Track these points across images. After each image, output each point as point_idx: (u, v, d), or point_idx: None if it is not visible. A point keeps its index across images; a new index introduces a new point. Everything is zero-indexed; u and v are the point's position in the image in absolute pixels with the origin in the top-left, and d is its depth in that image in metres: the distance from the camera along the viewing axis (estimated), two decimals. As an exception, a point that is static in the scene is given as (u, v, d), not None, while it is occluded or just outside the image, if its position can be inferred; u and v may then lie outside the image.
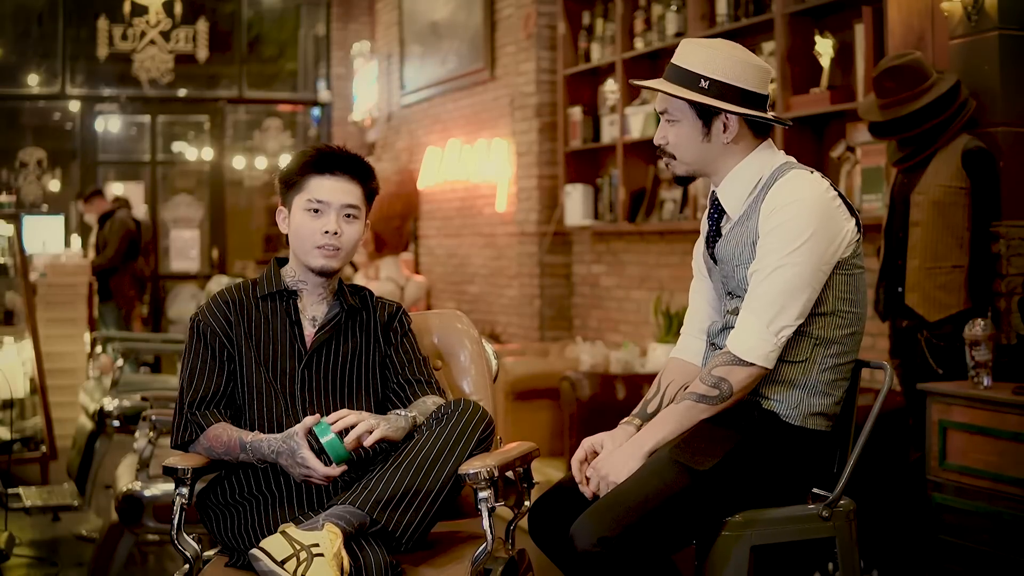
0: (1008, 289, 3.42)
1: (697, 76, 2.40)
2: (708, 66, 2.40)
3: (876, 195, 4.35)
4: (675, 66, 2.45)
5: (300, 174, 2.47)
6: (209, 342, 2.45)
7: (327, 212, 2.44)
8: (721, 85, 2.39)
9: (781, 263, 2.32)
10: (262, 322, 2.47)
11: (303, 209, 2.45)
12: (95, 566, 3.94)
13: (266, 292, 2.50)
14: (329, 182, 2.45)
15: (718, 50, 2.42)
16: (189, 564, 2.37)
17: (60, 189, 10.47)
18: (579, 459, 2.46)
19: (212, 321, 2.46)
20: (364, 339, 2.53)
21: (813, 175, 2.40)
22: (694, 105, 2.42)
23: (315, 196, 2.44)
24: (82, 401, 5.22)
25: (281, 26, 10.97)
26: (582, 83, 6.49)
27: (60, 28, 10.04)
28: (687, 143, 2.45)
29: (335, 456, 2.25)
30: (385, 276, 7.32)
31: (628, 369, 5.57)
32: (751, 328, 2.32)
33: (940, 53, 3.75)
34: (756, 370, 2.32)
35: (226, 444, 2.36)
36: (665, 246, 5.95)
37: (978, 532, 3.13)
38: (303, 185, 2.46)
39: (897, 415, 3.66)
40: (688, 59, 2.43)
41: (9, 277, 6.36)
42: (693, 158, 2.47)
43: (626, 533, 2.20)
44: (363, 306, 2.56)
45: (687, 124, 2.44)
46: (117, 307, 7.84)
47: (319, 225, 2.43)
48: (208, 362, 2.44)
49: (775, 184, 2.38)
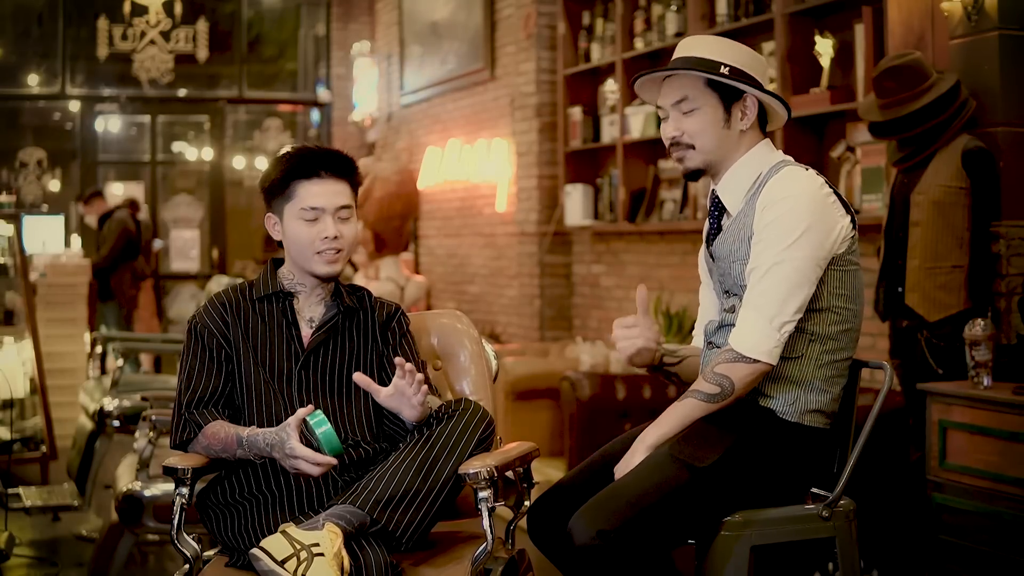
0: (1008, 289, 3.42)
1: (716, 63, 2.43)
2: (724, 54, 2.44)
3: (876, 195, 4.35)
4: (688, 57, 2.46)
5: (285, 181, 2.43)
6: (206, 343, 2.45)
7: (323, 217, 2.42)
8: (739, 72, 2.43)
9: (779, 259, 2.32)
10: (259, 324, 2.47)
11: (297, 218, 2.43)
12: (95, 566, 3.94)
13: (263, 294, 2.49)
14: (318, 187, 2.42)
15: (725, 41, 2.49)
16: (189, 564, 2.37)
17: (60, 189, 10.47)
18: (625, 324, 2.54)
19: (209, 323, 2.46)
20: (362, 339, 2.52)
21: (808, 171, 2.41)
22: (717, 89, 2.43)
23: (308, 204, 2.42)
24: (82, 401, 5.22)
25: (281, 26, 10.97)
26: (582, 83, 6.49)
27: (60, 28, 10.04)
28: (709, 130, 2.45)
29: (329, 447, 2.23)
30: (385, 276, 7.31)
31: (628, 369, 5.56)
32: (753, 325, 2.33)
33: (940, 53, 3.75)
34: (760, 367, 2.32)
35: (223, 441, 2.36)
36: (665, 246, 5.95)
37: (978, 532, 3.13)
38: (292, 192, 2.43)
39: (897, 415, 3.66)
40: (701, 49, 2.46)
41: (9, 277, 6.36)
42: (713, 146, 2.46)
43: (624, 527, 2.20)
44: (360, 306, 2.55)
45: (709, 110, 2.44)
46: (118, 307, 7.84)
47: (317, 231, 2.42)
48: (206, 363, 2.44)
49: (769, 181, 2.39)
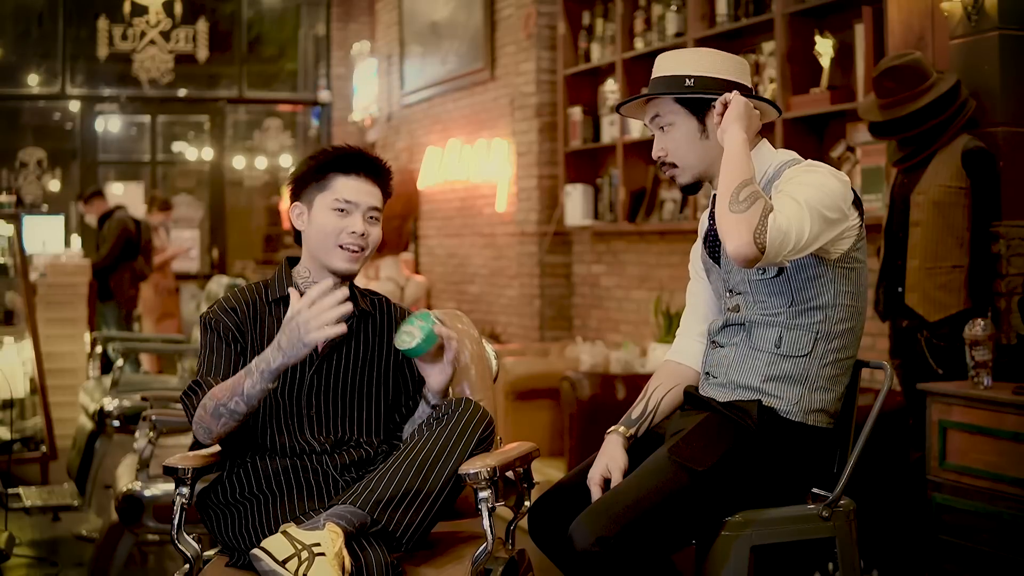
0: (1008, 289, 3.42)
1: (681, 77, 2.46)
2: (688, 66, 2.46)
3: (876, 195, 4.35)
4: (657, 78, 2.51)
5: (324, 172, 2.44)
6: (223, 335, 2.42)
7: (354, 212, 2.42)
8: (705, 79, 2.44)
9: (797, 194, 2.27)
10: (274, 325, 2.44)
11: (329, 208, 2.42)
12: (95, 566, 3.94)
13: (278, 296, 2.47)
14: (355, 183, 2.43)
15: (693, 51, 2.53)
16: (189, 564, 2.37)
17: (60, 189, 10.47)
18: (598, 484, 2.44)
19: (224, 317, 2.44)
20: (376, 344, 2.52)
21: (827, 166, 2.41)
22: (685, 104, 2.44)
23: (343, 196, 2.42)
24: (82, 401, 5.22)
25: (281, 26, 10.98)
26: (582, 83, 6.49)
27: (60, 28, 10.04)
28: (686, 145, 2.47)
29: (426, 337, 2.32)
30: (385, 276, 7.32)
31: (628, 369, 5.57)
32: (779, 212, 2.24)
33: (940, 53, 3.75)
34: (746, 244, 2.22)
35: (230, 388, 2.27)
36: (665, 246, 5.95)
37: (978, 532, 3.13)
38: (328, 184, 2.43)
39: (897, 415, 3.66)
40: (667, 67, 2.50)
41: (9, 277, 6.36)
42: (695, 160, 2.48)
43: (625, 532, 2.20)
44: (375, 309, 2.55)
45: (682, 126, 2.47)
46: (117, 307, 7.85)
47: (345, 224, 2.41)
48: (223, 352, 2.40)
49: (791, 169, 2.39)
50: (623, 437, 2.49)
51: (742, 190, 2.25)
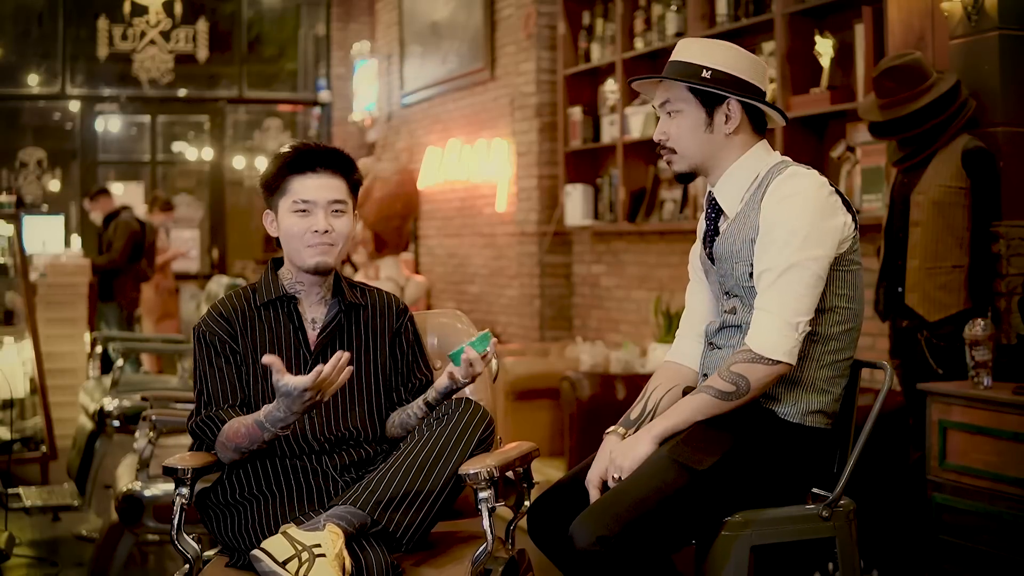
0: (1008, 289, 3.42)
1: (699, 67, 2.43)
2: (708, 58, 2.44)
3: (876, 195, 4.35)
4: (675, 62, 2.48)
5: (280, 177, 2.44)
6: (219, 349, 2.43)
7: (314, 211, 2.42)
8: (723, 75, 2.42)
9: (793, 260, 2.31)
10: (265, 330, 2.45)
11: (290, 212, 2.43)
12: (95, 566, 3.94)
13: (266, 300, 2.48)
14: (311, 181, 2.43)
15: (717, 44, 2.48)
16: (189, 564, 2.37)
17: (60, 189, 10.47)
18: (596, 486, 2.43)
19: (217, 329, 2.45)
20: (369, 337, 2.52)
21: (810, 171, 2.41)
22: (697, 94, 2.44)
23: (300, 196, 2.42)
24: (82, 401, 5.22)
25: (281, 26, 10.97)
26: (582, 83, 6.49)
27: (60, 28, 10.04)
28: (690, 135, 2.46)
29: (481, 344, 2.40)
30: (385, 276, 7.32)
31: (628, 369, 5.57)
32: (771, 325, 2.31)
33: (940, 53, 3.75)
34: (780, 367, 2.31)
35: (248, 435, 2.31)
36: (665, 246, 5.95)
37: (978, 532, 3.13)
38: (286, 188, 2.44)
39: (897, 415, 3.66)
40: (688, 53, 2.47)
41: (9, 277, 6.36)
42: (695, 151, 2.47)
43: (625, 532, 2.20)
44: (365, 301, 2.55)
45: (690, 115, 2.45)
46: (118, 307, 7.85)
47: (308, 225, 2.42)
48: (221, 367, 2.42)
49: (774, 181, 2.39)
50: (622, 438, 2.49)
51: (723, 404, 2.34)
